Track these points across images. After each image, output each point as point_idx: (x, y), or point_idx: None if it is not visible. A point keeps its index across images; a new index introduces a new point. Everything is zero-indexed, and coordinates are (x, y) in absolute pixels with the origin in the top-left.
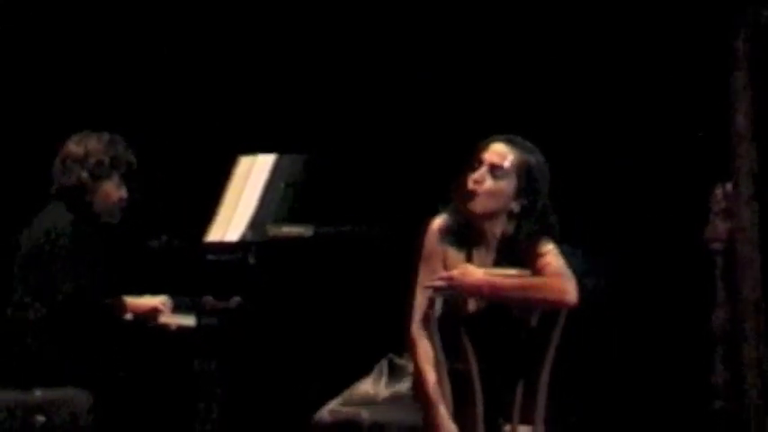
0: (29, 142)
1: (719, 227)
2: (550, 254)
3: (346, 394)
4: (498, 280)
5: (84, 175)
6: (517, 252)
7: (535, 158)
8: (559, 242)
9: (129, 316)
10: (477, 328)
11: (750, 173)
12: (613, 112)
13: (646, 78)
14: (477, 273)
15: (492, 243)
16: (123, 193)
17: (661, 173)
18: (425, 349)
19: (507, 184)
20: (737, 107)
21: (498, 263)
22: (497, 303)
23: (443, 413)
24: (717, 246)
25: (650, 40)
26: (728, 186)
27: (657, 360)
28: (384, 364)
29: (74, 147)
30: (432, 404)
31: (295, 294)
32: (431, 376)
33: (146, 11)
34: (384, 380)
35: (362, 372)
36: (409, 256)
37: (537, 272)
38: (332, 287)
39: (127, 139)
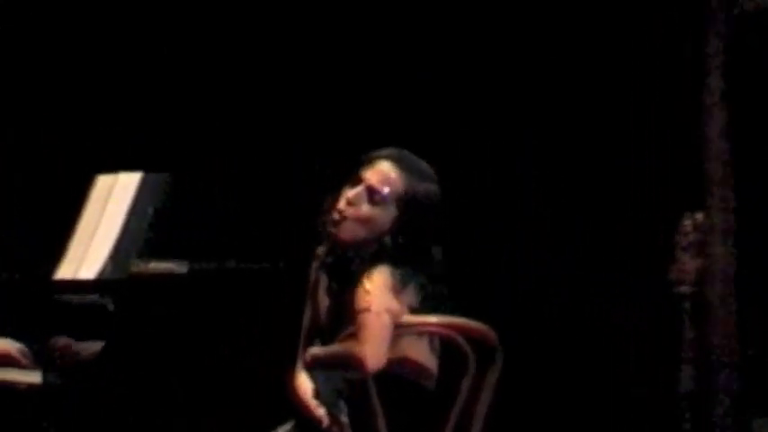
0: None
1: (688, 265)
2: (371, 294)
3: None
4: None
5: None
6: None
7: (424, 188)
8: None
9: None
10: (387, 390)
11: (725, 201)
12: (572, 135)
13: (606, 94)
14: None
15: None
16: None
17: (619, 200)
18: (303, 381)
19: (384, 214)
20: (711, 118)
21: None
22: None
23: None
24: (684, 289)
25: (616, 59)
26: (699, 217)
27: (617, 425)
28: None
29: None
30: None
31: (165, 345)
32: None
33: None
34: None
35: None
36: (303, 298)
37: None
38: (210, 336)
39: None
